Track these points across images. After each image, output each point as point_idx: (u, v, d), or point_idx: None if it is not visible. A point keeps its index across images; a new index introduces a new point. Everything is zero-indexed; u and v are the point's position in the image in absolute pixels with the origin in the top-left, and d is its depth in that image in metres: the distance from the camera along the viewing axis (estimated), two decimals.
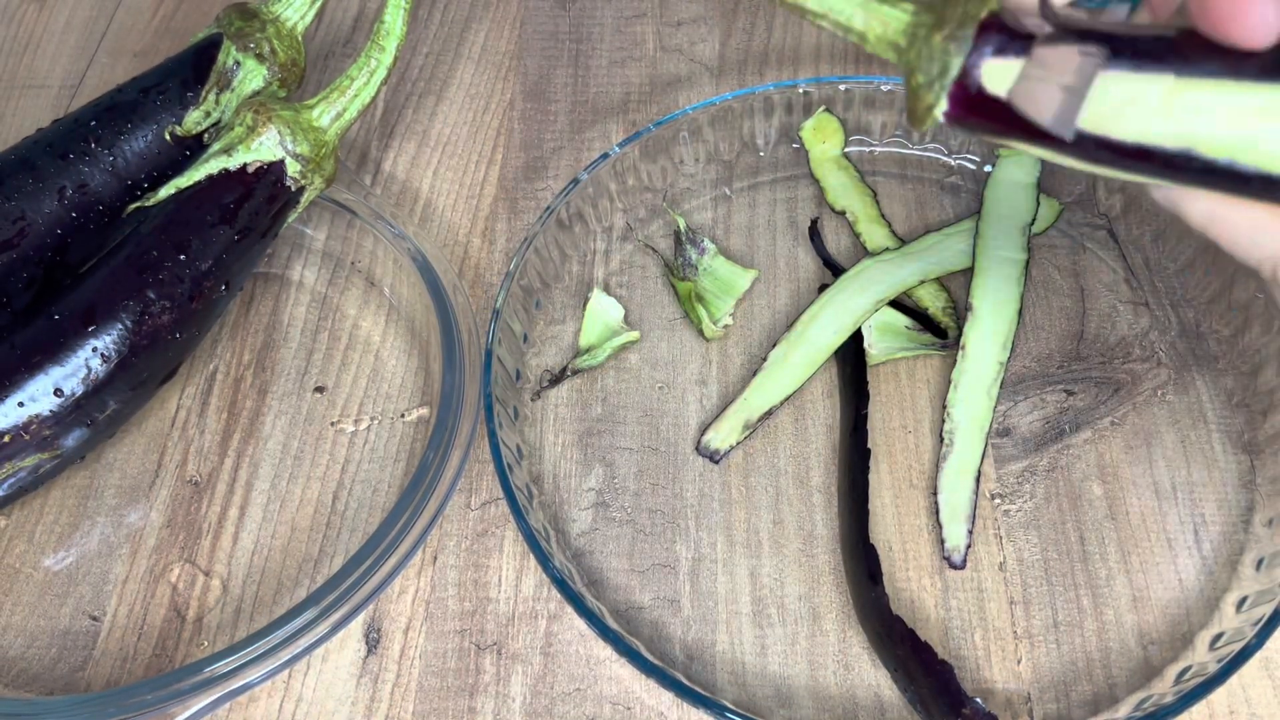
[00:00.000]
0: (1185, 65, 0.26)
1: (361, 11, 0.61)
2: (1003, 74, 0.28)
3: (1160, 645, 0.38)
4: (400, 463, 0.44)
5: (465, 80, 0.57)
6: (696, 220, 0.51)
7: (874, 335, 0.46)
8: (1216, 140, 0.26)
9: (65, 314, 0.39)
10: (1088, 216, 0.50)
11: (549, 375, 0.46)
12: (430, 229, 0.51)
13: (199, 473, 0.43)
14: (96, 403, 0.39)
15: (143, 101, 0.45)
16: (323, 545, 0.42)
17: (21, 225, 0.42)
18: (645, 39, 0.59)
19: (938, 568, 0.40)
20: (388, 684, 0.38)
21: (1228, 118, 0.26)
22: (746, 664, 0.38)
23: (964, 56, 0.28)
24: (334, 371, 0.46)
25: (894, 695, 0.38)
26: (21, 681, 0.39)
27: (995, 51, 0.28)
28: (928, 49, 0.29)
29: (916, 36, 0.29)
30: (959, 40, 0.28)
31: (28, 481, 0.40)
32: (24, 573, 0.41)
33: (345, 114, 0.45)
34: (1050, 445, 0.43)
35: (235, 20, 0.47)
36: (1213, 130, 0.26)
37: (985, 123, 0.29)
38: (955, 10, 0.29)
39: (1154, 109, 0.27)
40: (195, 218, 0.41)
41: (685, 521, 0.42)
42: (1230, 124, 0.26)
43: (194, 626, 0.40)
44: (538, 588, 0.40)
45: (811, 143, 0.52)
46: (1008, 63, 0.28)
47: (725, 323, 0.47)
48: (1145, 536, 0.41)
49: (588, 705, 0.38)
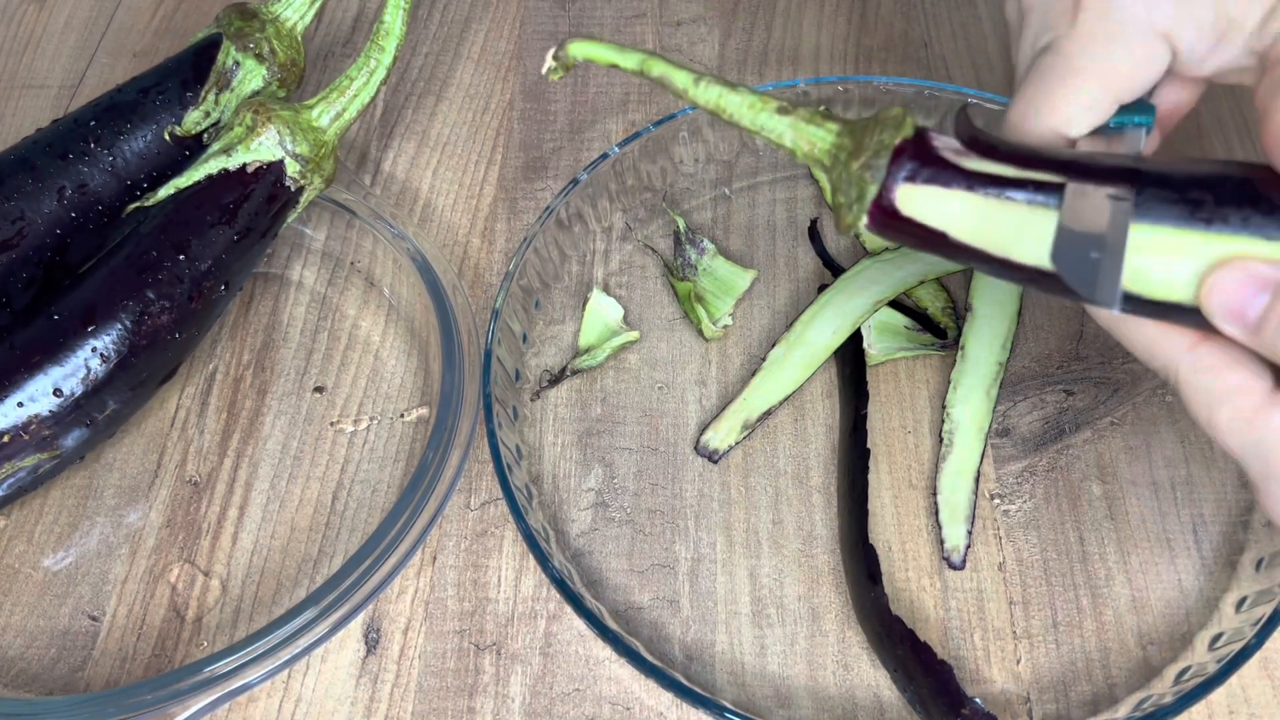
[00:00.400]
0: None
1: (361, 12, 0.61)
2: (915, 198, 0.30)
3: (1159, 645, 0.38)
4: (400, 463, 0.44)
5: (465, 80, 0.57)
6: (696, 220, 0.51)
7: (873, 335, 0.46)
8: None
9: (65, 314, 0.39)
10: None
11: (548, 375, 0.46)
12: (430, 229, 0.51)
13: (198, 473, 0.43)
14: (96, 403, 0.39)
15: (142, 101, 0.45)
16: (322, 545, 0.42)
17: (21, 225, 0.42)
18: (645, 39, 0.59)
19: (937, 568, 0.40)
20: (387, 684, 0.38)
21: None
22: (746, 664, 0.38)
23: (878, 185, 0.30)
24: (333, 371, 0.46)
25: (893, 695, 0.38)
26: (21, 681, 0.39)
27: (908, 178, 0.30)
28: (847, 174, 0.31)
29: (838, 160, 0.31)
30: (874, 169, 0.30)
31: (27, 481, 0.40)
32: (23, 573, 0.41)
33: (345, 114, 0.45)
34: (1050, 445, 0.43)
35: (235, 20, 0.47)
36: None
37: (902, 237, 0.32)
38: (872, 138, 0.31)
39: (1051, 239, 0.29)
40: (195, 218, 0.41)
41: (684, 522, 0.42)
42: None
43: (193, 626, 0.40)
44: (537, 588, 0.40)
45: None
46: (919, 188, 0.30)
47: (725, 323, 0.47)
48: (1145, 537, 0.41)
49: (587, 705, 0.38)
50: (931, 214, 0.30)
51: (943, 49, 0.58)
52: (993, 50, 0.58)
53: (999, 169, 0.30)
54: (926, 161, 0.30)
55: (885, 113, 0.31)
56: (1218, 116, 0.54)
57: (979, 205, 0.30)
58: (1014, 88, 0.35)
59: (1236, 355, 0.29)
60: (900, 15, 0.60)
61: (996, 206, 0.30)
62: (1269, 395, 0.29)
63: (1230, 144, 0.53)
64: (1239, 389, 0.29)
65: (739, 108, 0.33)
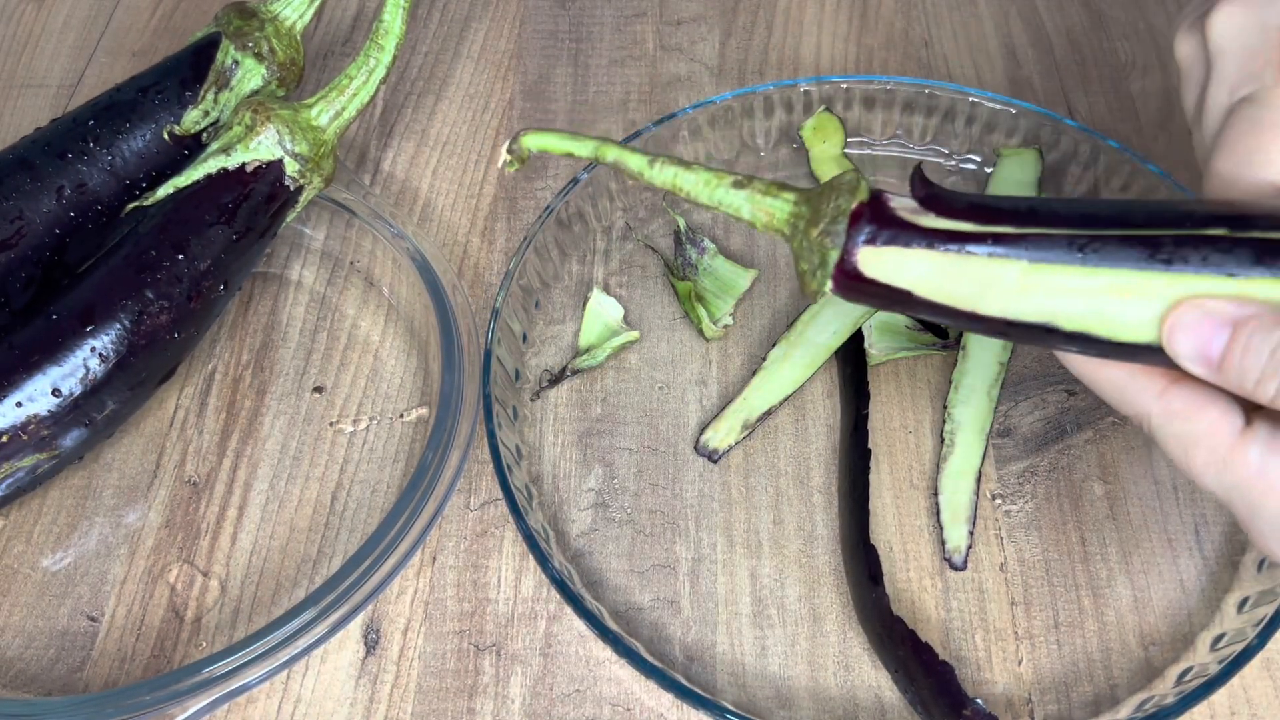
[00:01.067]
0: (1037, 250, 0.29)
1: (360, 10, 0.61)
2: (877, 259, 0.31)
3: (1161, 646, 0.38)
4: (399, 463, 0.43)
5: (464, 79, 0.57)
6: (696, 220, 0.50)
7: (874, 335, 0.45)
8: (1071, 315, 0.29)
9: (63, 314, 0.39)
10: None
11: (548, 375, 0.46)
12: (429, 228, 0.51)
13: (197, 473, 0.43)
14: (95, 403, 0.39)
15: (141, 101, 0.45)
16: (321, 546, 0.42)
17: (20, 225, 0.42)
18: (645, 38, 0.59)
19: (938, 568, 0.40)
20: (386, 685, 0.38)
21: (1078, 296, 0.29)
22: (746, 665, 0.38)
23: (839, 250, 0.31)
24: (333, 371, 0.46)
25: (895, 696, 0.37)
26: (20, 682, 0.38)
27: (867, 241, 0.31)
28: (808, 241, 0.32)
29: (798, 229, 0.32)
30: (833, 235, 0.31)
31: (26, 482, 0.40)
32: (22, 573, 0.41)
33: (344, 113, 0.44)
34: (1051, 445, 0.43)
35: (234, 19, 0.46)
36: (1067, 307, 0.29)
37: (868, 299, 0.32)
38: (828, 204, 0.31)
39: (1013, 289, 0.29)
40: (194, 217, 0.41)
41: (685, 522, 0.42)
42: (1081, 301, 0.29)
43: (192, 627, 0.40)
44: (537, 588, 0.40)
45: (812, 142, 0.52)
46: (880, 250, 0.30)
47: (725, 322, 0.47)
48: (1146, 537, 0.41)
49: (587, 706, 0.38)
50: (895, 274, 0.31)
51: (943, 48, 0.58)
52: (993, 49, 0.58)
53: (957, 225, 0.30)
54: (885, 223, 0.31)
55: (839, 178, 0.32)
56: None
57: (941, 262, 0.30)
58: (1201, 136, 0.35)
59: (1206, 396, 0.29)
60: (901, 14, 0.59)
61: (958, 262, 0.30)
62: (1241, 434, 0.29)
63: None
64: (1210, 431, 0.29)
65: (695, 185, 0.33)
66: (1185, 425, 0.30)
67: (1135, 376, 0.30)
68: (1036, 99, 0.55)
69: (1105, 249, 0.29)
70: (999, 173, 0.50)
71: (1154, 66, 0.57)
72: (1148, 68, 0.57)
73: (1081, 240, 0.29)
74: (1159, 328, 0.28)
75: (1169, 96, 0.55)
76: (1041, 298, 0.29)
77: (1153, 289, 0.28)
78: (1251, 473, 0.29)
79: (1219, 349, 0.28)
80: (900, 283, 0.31)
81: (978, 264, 0.30)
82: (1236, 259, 0.28)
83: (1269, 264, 0.28)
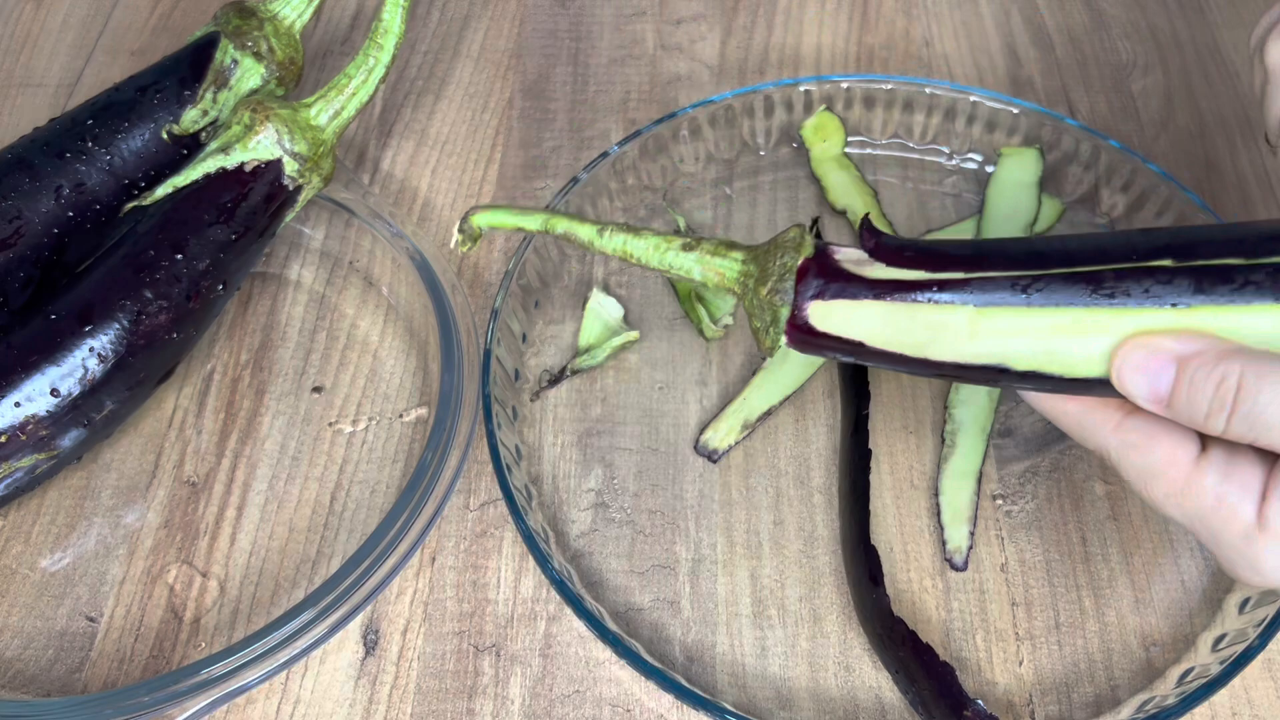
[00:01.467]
0: (983, 294, 0.30)
1: (360, 9, 0.61)
2: (826, 313, 0.31)
3: (1162, 646, 0.38)
4: (398, 463, 0.43)
5: (464, 79, 0.57)
6: (696, 220, 0.50)
7: None
8: (1022, 355, 0.30)
9: (62, 313, 0.39)
10: (1090, 216, 0.49)
11: (548, 375, 0.45)
12: (429, 228, 0.50)
13: (196, 473, 0.43)
14: (93, 403, 0.39)
15: (140, 100, 0.45)
16: (320, 546, 0.41)
17: (18, 224, 0.42)
18: (645, 37, 0.59)
19: (939, 569, 0.40)
20: (386, 685, 0.38)
21: (1026, 337, 0.29)
22: (747, 666, 0.38)
23: (789, 307, 0.32)
24: (332, 371, 0.46)
25: (895, 697, 0.37)
26: (18, 683, 0.38)
27: (815, 296, 0.31)
28: (758, 300, 0.32)
29: (748, 287, 0.33)
30: (782, 292, 0.32)
31: (24, 482, 0.40)
32: (20, 574, 0.41)
33: (343, 112, 0.44)
34: (1052, 446, 0.43)
35: (233, 18, 0.46)
36: (1017, 348, 0.30)
37: (822, 352, 0.33)
38: (775, 262, 0.32)
39: (963, 334, 0.30)
40: (192, 217, 0.41)
41: (685, 522, 0.42)
42: (1030, 341, 0.30)
43: (191, 628, 0.40)
44: (537, 589, 0.40)
45: (812, 141, 0.52)
46: (829, 304, 0.31)
47: (725, 322, 0.47)
48: (1147, 537, 0.41)
49: (587, 707, 0.37)
50: (845, 326, 0.31)
51: (944, 47, 0.58)
52: (994, 48, 0.58)
53: (902, 274, 0.31)
54: (831, 277, 0.31)
55: (784, 236, 0.32)
56: (1220, 116, 0.54)
57: (889, 312, 0.31)
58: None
59: (1160, 426, 0.30)
60: (902, 13, 0.59)
61: (906, 310, 0.31)
62: (1196, 462, 0.29)
63: (1232, 141, 0.53)
64: (1167, 462, 0.30)
65: (645, 251, 0.34)
66: (1142, 458, 0.30)
67: (1091, 411, 0.31)
68: (1037, 98, 0.55)
69: (1049, 288, 0.29)
70: (999, 172, 0.50)
71: (1155, 66, 0.57)
72: (1149, 67, 0.57)
73: (1025, 281, 0.29)
74: (1109, 363, 0.29)
75: (1170, 96, 0.55)
76: (991, 341, 0.30)
77: (1099, 325, 0.29)
78: (1209, 501, 0.29)
79: (1167, 386, 0.28)
80: (852, 334, 0.31)
81: (926, 311, 0.30)
82: (1177, 290, 0.28)
83: (1209, 291, 0.28)
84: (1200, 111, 0.54)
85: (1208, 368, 0.28)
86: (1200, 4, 0.60)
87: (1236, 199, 0.51)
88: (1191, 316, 0.28)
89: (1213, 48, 0.58)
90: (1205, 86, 0.56)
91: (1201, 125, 0.54)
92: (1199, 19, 0.59)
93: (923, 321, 0.30)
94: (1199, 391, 0.28)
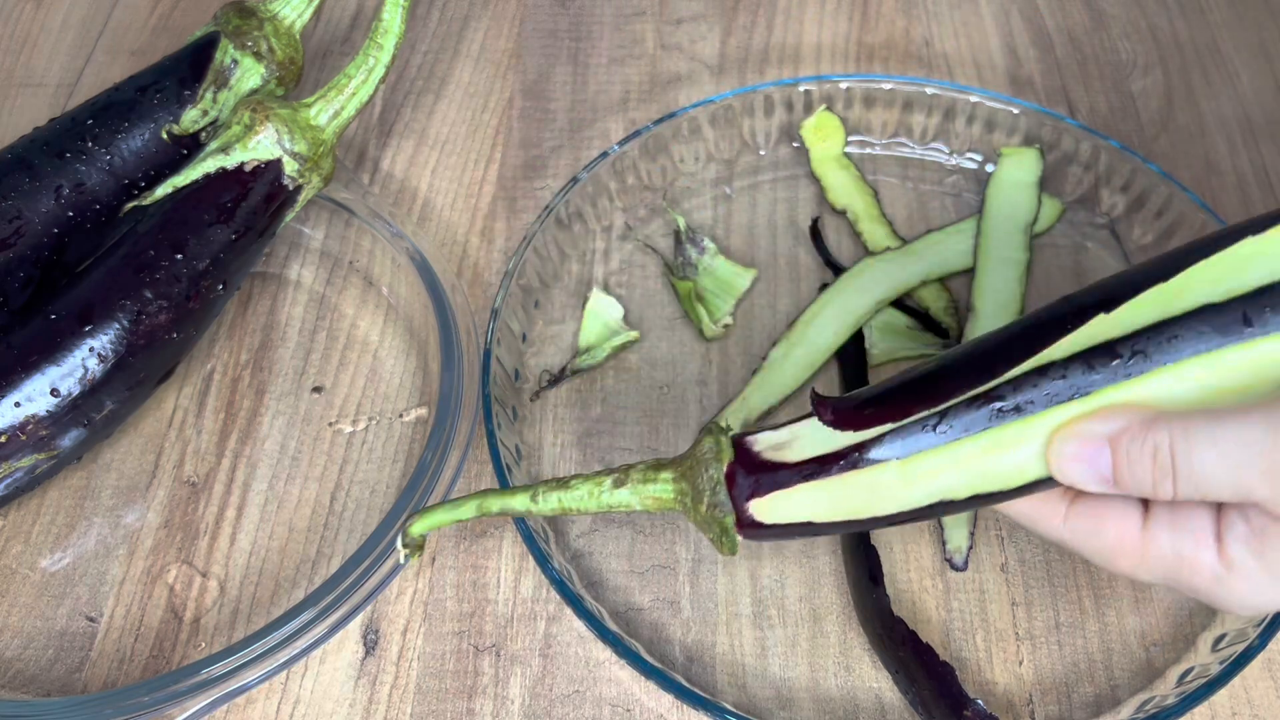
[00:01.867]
0: (899, 446, 0.30)
1: (360, 9, 0.61)
2: (766, 507, 0.32)
3: (1162, 646, 0.38)
4: (398, 463, 0.43)
5: (464, 78, 0.57)
6: (696, 219, 0.50)
7: (875, 335, 0.45)
8: (958, 485, 0.30)
9: (62, 313, 0.39)
10: (1090, 216, 0.49)
11: (548, 375, 0.45)
12: (429, 228, 0.50)
13: (196, 473, 0.43)
14: (93, 403, 0.39)
15: (140, 100, 0.45)
16: (320, 546, 0.41)
17: (18, 224, 0.42)
18: (645, 37, 0.59)
19: (939, 569, 0.40)
20: (386, 685, 0.38)
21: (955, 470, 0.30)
22: (747, 666, 0.38)
23: (732, 516, 0.32)
24: (332, 371, 0.46)
25: (895, 697, 0.37)
26: (18, 683, 0.38)
27: (750, 497, 0.32)
28: (700, 517, 0.33)
29: (687, 505, 0.33)
30: (719, 506, 0.32)
31: (24, 482, 0.40)
32: (20, 574, 0.41)
33: (343, 112, 0.44)
34: None
35: (233, 18, 0.46)
36: (951, 481, 0.30)
37: (780, 539, 0.35)
38: (702, 476, 0.32)
39: (897, 486, 0.30)
40: (192, 217, 0.41)
41: (685, 522, 0.42)
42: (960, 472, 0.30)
43: (191, 628, 0.40)
44: (537, 589, 0.40)
45: (812, 141, 0.52)
46: (764, 499, 0.32)
47: (725, 322, 0.47)
48: None
49: (587, 707, 0.37)
50: (790, 512, 0.32)
51: (944, 47, 0.58)
52: (994, 48, 0.58)
53: (826, 446, 0.31)
54: (757, 472, 0.32)
55: (700, 448, 0.33)
56: (1220, 116, 0.54)
57: (822, 488, 0.31)
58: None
59: (1102, 506, 0.30)
60: (902, 13, 0.59)
61: (838, 483, 0.31)
62: (1144, 531, 0.30)
63: (1233, 141, 0.53)
64: (1119, 537, 0.30)
65: (581, 500, 0.34)
66: (1096, 541, 0.31)
67: (1037, 507, 0.31)
68: (1037, 98, 0.55)
69: (957, 419, 0.30)
70: (999, 172, 0.50)
71: (1155, 66, 0.57)
72: (1148, 67, 0.57)
73: (933, 420, 0.30)
74: (1044, 463, 0.29)
75: (1170, 96, 0.55)
76: (925, 484, 0.30)
77: (1018, 437, 0.29)
78: (1171, 561, 0.29)
79: (1108, 467, 0.29)
80: (798, 518, 0.32)
81: (856, 478, 0.31)
82: (1072, 383, 0.29)
83: (1101, 370, 0.28)
84: (1200, 111, 0.54)
85: (1139, 441, 0.28)
86: (1200, 4, 0.60)
87: (1236, 199, 0.51)
88: (1100, 399, 0.29)
89: (1213, 48, 0.58)
90: (1205, 86, 0.56)
91: (1201, 125, 0.54)
92: (1199, 19, 0.59)
93: (856, 487, 0.31)
94: (1138, 465, 0.28)
